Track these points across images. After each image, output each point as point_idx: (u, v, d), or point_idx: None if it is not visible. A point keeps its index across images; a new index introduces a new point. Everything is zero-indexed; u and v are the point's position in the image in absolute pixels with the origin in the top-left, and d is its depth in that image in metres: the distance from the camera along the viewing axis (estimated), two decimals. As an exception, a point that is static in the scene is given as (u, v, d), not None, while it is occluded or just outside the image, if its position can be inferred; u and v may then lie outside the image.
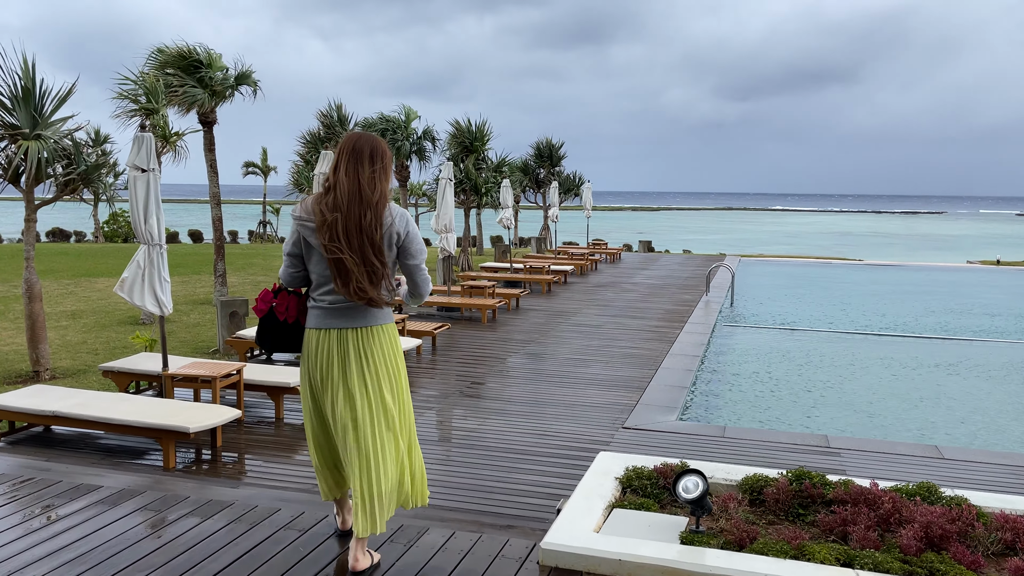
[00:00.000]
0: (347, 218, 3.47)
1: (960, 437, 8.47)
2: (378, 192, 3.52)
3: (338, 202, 3.48)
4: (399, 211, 3.64)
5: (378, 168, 3.57)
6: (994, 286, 22.38)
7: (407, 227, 3.65)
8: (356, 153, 3.53)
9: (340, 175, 3.52)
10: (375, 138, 3.65)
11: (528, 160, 30.57)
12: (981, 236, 75.67)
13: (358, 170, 3.50)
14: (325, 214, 3.48)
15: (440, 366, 10.60)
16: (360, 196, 3.47)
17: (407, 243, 3.66)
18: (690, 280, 20.66)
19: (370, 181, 3.52)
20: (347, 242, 3.47)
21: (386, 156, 3.63)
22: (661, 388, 9.43)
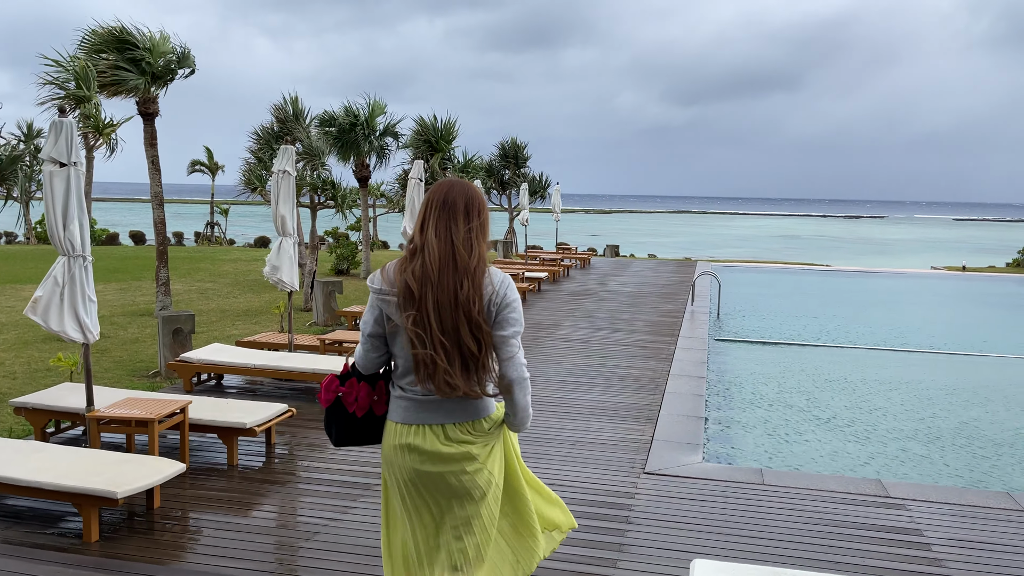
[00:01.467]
0: (438, 290, 2.73)
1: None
2: (476, 255, 2.81)
3: (427, 270, 2.75)
4: (499, 275, 2.89)
5: (475, 225, 2.84)
6: (986, 294, 21.92)
7: (506, 292, 2.87)
8: (448, 207, 2.82)
9: (428, 235, 2.80)
10: (469, 186, 2.92)
11: (493, 160, 29.36)
12: (924, 240, 77.05)
13: (451, 228, 2.79)
14: (411, 285, 2.75)
15: (418, 392, 9.29)
16: (454, 261, 2.76)
17: (502, 311, 2.84)
18: (668, 288, 19.67)
19: (466, 242, 2.80)
20: (439, 323, 2.73)
21: (484, 208, 2.92)
22: (674, 419, 8.29)
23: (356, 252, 22.63)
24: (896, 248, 64.44)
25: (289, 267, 9.66)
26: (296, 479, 6.42)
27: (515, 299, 2.87)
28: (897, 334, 15.00)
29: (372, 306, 2.90)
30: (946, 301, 20.37)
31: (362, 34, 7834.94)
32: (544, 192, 29.72)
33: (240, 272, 22.41)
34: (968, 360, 12.81)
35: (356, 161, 22.13)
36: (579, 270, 23.49)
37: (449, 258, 2.75)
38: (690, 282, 20.89)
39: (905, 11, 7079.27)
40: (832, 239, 77.75)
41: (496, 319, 2.81)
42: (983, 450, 8.23)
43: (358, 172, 22.28)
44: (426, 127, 22.40)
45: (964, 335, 15.14)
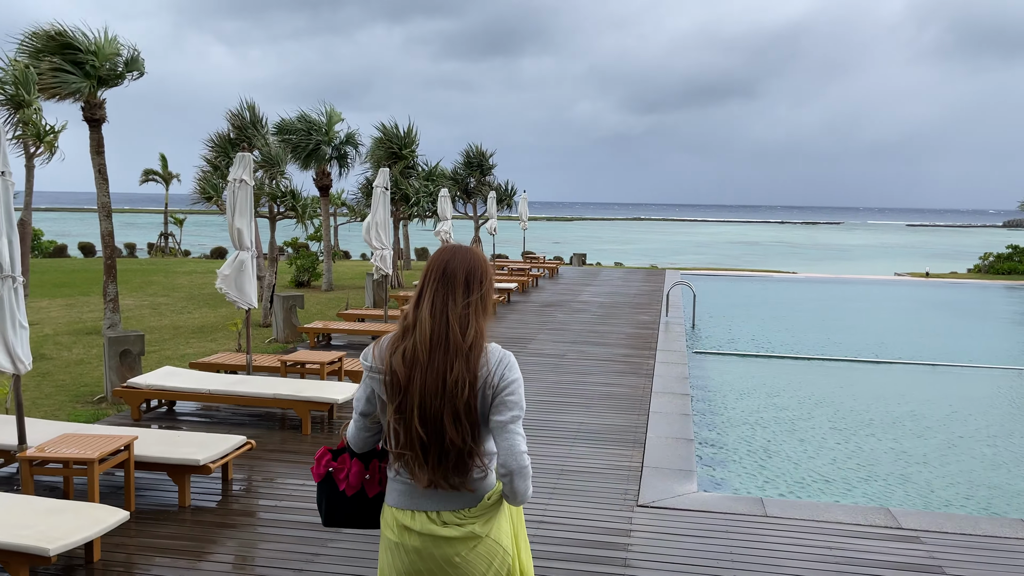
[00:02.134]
0: (427, 373, 2.45)
1: None
2: (472, 332, 2.50)
3: (418, 351, 2.47)
4: (498, 353, 2.56)
5: (475, 299, 2.55)
6: (956, 300, 21.97)
7: (504, 372, 2.52)
8: (448, 278, 2.55)
9: (423, 311, 2.52)
10: (473, 255, 2.63)
11: (457, 168, 28.77)
12: (880, 246, 78.27)
13: (447, 303, 2.51)
14: (398, 369, 2.47)
15: (388, 417, 8.68)
16: (447, 341, 2.47)
17: (499, 393, 2.51)
18: (640, 298, 19.29)
19: (463, 318, 2.51)
20: (420, 412, 2.44)
21: (488, 278, 2.62)
22: (663, 442, 7.81)
23: (317, 263, 21.88)
24: (854, 254, 65.23)
25: (246, 283, 8.99)
26: (257, 521, 5.79)
27: (515, 379, 2.52)
28: (874, 344, 14.79)
29: (365, 383, 2.66)
30: (917, 309, 20.33)
31: (320, 41, 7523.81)
32: (510, 200, 29.23)
33: (195, 285, 21.50)
34: (953, 372, 12.59)
35: (317, 169, 21.43)
36: (548, 280, 23.02)
37: (442, 337, 2.47)
38: (661, 291, 20.56)
39: (854, 22, 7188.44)
40: (791, 245, 78.65)
41: (493, 403, 2.50)
42: (982, 467, 7.90)
43: (319, 181, 21.56)
44: (388, 134, 21.76)
45: (944, 345, 14.99)
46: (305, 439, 7.83)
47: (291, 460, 7.17)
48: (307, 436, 7.92)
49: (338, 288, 21.31)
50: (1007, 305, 21.46)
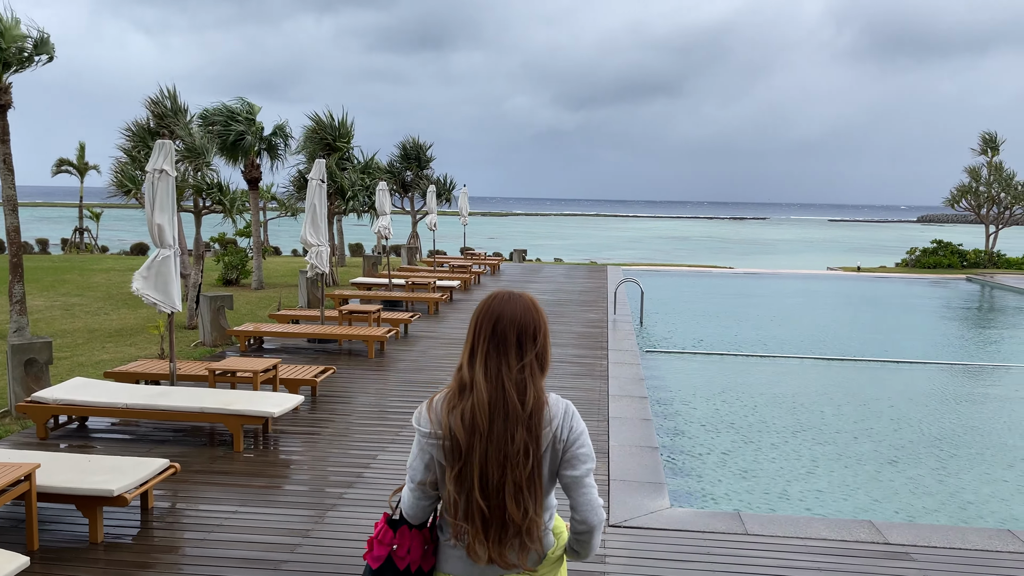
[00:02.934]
0: (487, 442, 2.25)
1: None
2: (531, 397, 2.28)
3: (476, 417, 2.25)
4: (560, 406, 2.36)
5: (529, 361, 2.31)
6: (891, 294, 22.29)
7: (572, 424, 2.35)
8: (499, 339, 2.31)
9: (477, 373, 2.31)
10: (526, 308, 2.38)
11: (394, 161, 27.93)
12: (806, 241, 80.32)
13: (501, 366, 2.29)
14: (458, 434, 2.26)
15: (325, 433, 7.99)
16: (505, 408, 2.26)
17: (570, 448, 2.34)
18: (585, 295, 18.90)
19: (519, 383, 2.28)
20: (481, 483, 2.26)
21: (543, 335, 2.38)
22: (627, 451, 7.34)
23: (246, 260, 20.79)
24: (781, 248, 66.62)
25: (169, 283, 8.14)
26: (182, 558, 5.06)
27: (583, 430, 2.37)
28: (817, 340, 14.73)
29: (422, 450, 2.38)
30: (854, 303, 20.54)
31: (245, 31, 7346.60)
32: (449, 195, 28.54)
33: (113, 284, 20.15)
34: (905, 368, 12.55)
35: (245, 161, 20.34)
36: (490, 277, 22.45)
37: (500, 404, 2.27)
38: (605, 288, 20.24)
39: (776, 23, 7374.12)
40: (720, 240, 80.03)
41: (564, 458, 2.33)
42: (953, 466, 7.70)
43: (248, 173, 20.48)
44: (322, 125, 20.81)
45: (886, 340, 15.04)
46: (237, 457, 7.08)
47: (222, 483, 6.43)
48: (239, 454, 7.17)
49: (269, 286, 20.30)
50: (937, 299, 21.92)
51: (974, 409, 10.05)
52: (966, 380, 11.88)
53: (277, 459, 7.07)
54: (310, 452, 7.24)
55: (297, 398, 7.74)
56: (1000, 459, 8.06)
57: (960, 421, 9.42)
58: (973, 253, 31.00)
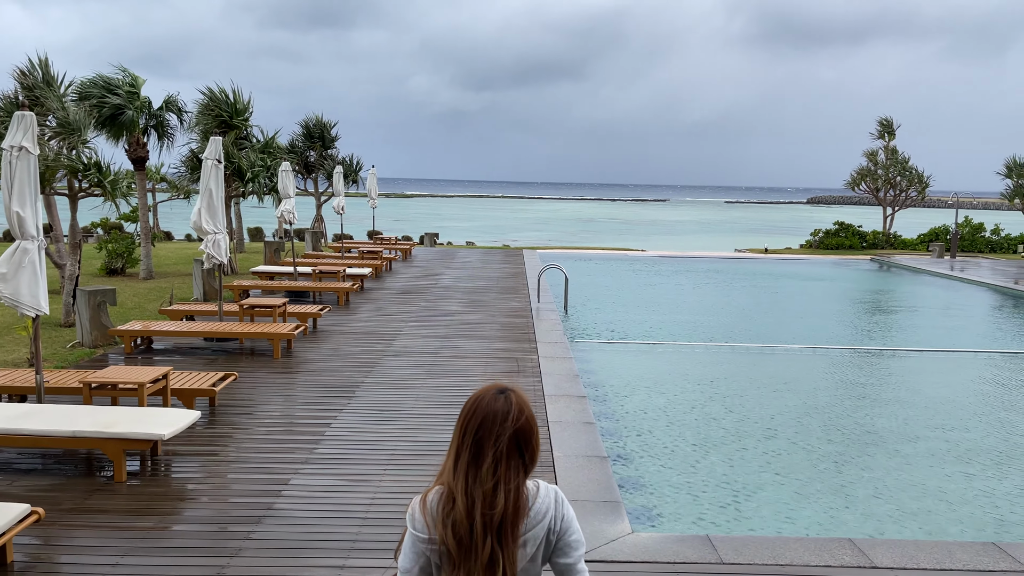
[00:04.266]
0: (479, 552, 2.17)
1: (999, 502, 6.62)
2: (518, 503, 2.20)
3: (460, 529, 2.18)
4: (550, 495, 2.27)
5: (515, 465, 2.21)
6: (807, 275, 22.49)
7: (564, 513, 2.26)
8: (479, 446, 2.20)
9: (458, 482, 2.20)
10: (516, 406, 2.23)
11: (295, 140, 26.31)
12: (707, 222, 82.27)
13: (478, 475, 2.19)
14: (449, 543, 2.19)
15: (227, 454, 6.92)
16: (492, 517, 2.17)
17: (564, 536, 2.25)
18: (504, 281, 18.15)
19: (507, 492, 2.18)
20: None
21: (533, 445, 2.24)
22: (574, 463, 6.62)
23: (133, 247, 19.01)
24: (682, 229, 67.80)
25: (33, 282, 6.85)
26: (44, 640, 4.00)
27: (572, 516, 2.32)
28: (746, 326, 14.49)
29: (418, 553, 2.27)
30: (773, 286, 20.58)
31: (129, 2, 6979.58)
32: (356, 176, 27.15)
33: (-22, 275, 18.01)
34: (836, 354, 12.37)
35: (129, 139, 18.51)
36: (402, 262, 21.38)
37: (486, 512, 2.18)
38: (523, 273, 19.55)
39: (671, 8, 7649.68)
40: (624, 222, 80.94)
41: (557, 545, 2.27)
42: (906, 456, 7.36)
43: (133, 152, 18.65)
44: (216, 101, 19.16)
45: (817, 325, 14.95)
46: (119, 489, 5.96)
47: (100, 525, 5.33)
48: (122, 485, 6.05)
49: (159, 276, 18.61)
50: (851, 281, 22.30)
51: (919, 395, 9.87)
52: (906, 365, 11.80)
53: (169, 490, 5.99)
54: (208, 480, 6.18)
55: (192, 415, 6.64)
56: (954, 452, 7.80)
57: (907, 407, 9.19)
58: (872, 234, 32.01)
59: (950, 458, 7.60)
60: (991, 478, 7.09)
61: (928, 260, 26.57)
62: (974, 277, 21.71)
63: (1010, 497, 6.68)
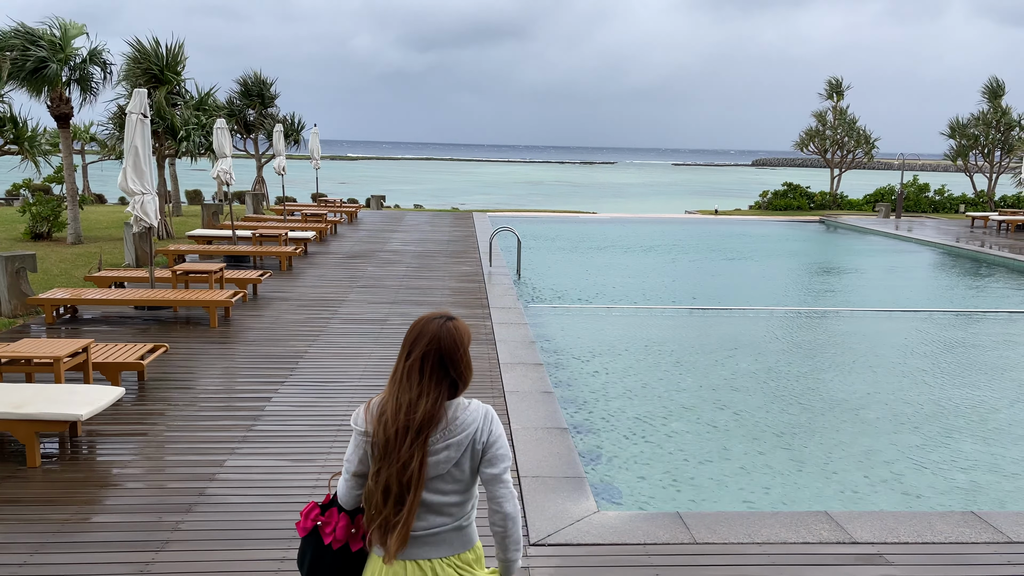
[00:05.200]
0: (402, 445, 2.50)
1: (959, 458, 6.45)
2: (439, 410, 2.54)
3: (387, 427, 2.52)
4: (481, 410, 2.57)
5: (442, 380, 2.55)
6: (757, 236, 22.43)
7: (492, 428, 2.57)
8: (413, 361, 2.55)
9: (392, 389, 2.57)
10: (450, 330, 2.56)
11: (233, 98, 25.08)
12: (654, 184, 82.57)
13: (413, 385, 2.54)
14: (377, 437, 2.54)
15: (156, 433, 6.36)
16: (407, 422, 2.51)
17: (491, 448, 2.57)
18: (454, 245, 17.61)
19: (435, 399, 2.53)
20: (398, 476, 2.52)
21: (463, 360, 2.57)
22: (532, 435, 6.24)
23: (60, 210, 17.88)
24: (631, 192, 67.87)
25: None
26: (-68, 660, 3.46)
27: (501, 433, 2.59)
28: (706, 289, 14.28)
29: (357, 446, 2.60)
30: (723, 246, 20.47)
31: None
32: (298, 136, 26.06)
33: None
34: (792, 315, 12.23)
35: (51, 94, 17.27)
36: (347, 226, 20.62)
37: (403, 419, 2.51)
38: (474, 236, 19.04)
39: None
40: (572, 185, 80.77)
41: (484, 457, 2.56)
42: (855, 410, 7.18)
43: (55, 108, 17.42)
44: (145, 53, 17.97)
45: (773, 285, 14.82)
46: (32, 476, 5.37)
47: (9, 518, 4.77)
48: (35, 471, 5.46)
49: (89, 240, 17.57)
50: (802, 242, 22.35)
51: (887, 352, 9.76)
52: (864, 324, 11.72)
53: (89, 476, 5.42)
54: (134, 463, 5.63)
55: (115, 391, 6.04)
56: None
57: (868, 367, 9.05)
58: (820, 195, 32.25)
59: (914, 422, 7.45)
60: (960, 441, 6.95)
61: (875, 220, 26.85)
62: (921, 236, 21.97)
63: (979, 460, 6.53)
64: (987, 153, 32.31)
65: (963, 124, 32.37)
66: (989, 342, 10.71)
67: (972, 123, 32.11)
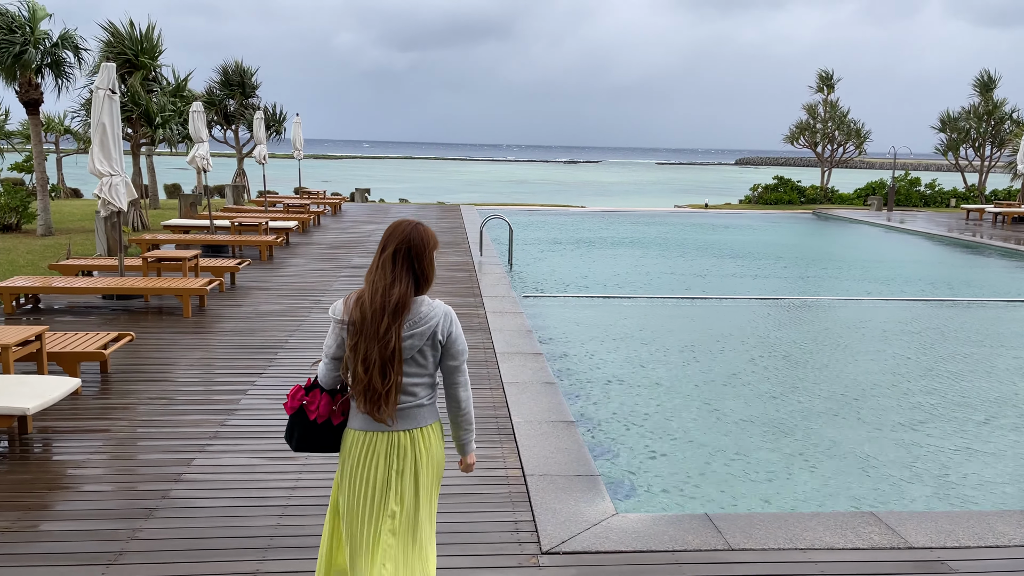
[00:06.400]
0: (371, 328, 2.88)
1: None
2: (397, 298, 2.89)
3: (364, 310, 2.89)
4: (443, 309, 2.98)
5: (408, 273, 2.91)
6: (752, 227, 21.94)
7: (452, 327, 2.99)
8: (386, 256, 2.91)
9: (369, 280, 2.95)
10: (419, 231, 2.97)
11: (213, 88, 24.31)
12: (640, 182, 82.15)
13: (386, 276, 2.90)
14: (354, 321, 2.91)
15: (118, 429, 5.72)
16: (383, 306, 2.87)
17: (449, 343, 3.00)
18: (441, 235, 16.96)
19: (395, 290, 2.89)
20: (365, 355, 2.91)
21: (426, 257, 2.95)
22: (538, 430, 5.65)
23: (30, 200, 17.09)
24: (617, 190, 67.36)
25: None
26: None
27: (459, 332, 3.01)
28: (705, 279, 13.75)
29: (335, 332, 2.97)
30: (717, 238, 19.96)
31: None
32: (280, 127, 25.32)
33: None
34: (815, 305, 11.71)
35: (22, 78, 16.48)
36: (331, 217, 19.94)
37: (378, 303, 2.86)
38: (462, 227, 18.44)
39: None
40: (558, 184, 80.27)
41: (444, 350, 2.97)
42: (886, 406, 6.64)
43: (24, 94, 16.63)
44: (120, 37, 17.20)
45: (773, 277, 14.31)
46: (-29, 479, 4.72)
47: (-66, 529, 4.11)
48: (-25, 473, 4.80)
49: (60, 232, 16.80)
50: (798, 234, 21.89)
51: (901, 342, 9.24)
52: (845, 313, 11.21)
53: (38, 478, 4.77)
54: (91, 463, 4.98)
55: (69, 383, 5.39)
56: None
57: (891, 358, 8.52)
58: (811, 189, 31.87)
59: (955, 412, 6.92)
60: (1000, 431, 6.43)
61: (868, 213, 26.47)
62: (916, 228, 21.57)
63: (1016, 452, 6.01)
64: (978, 147, 32.07)
65: (954, 118, 32.11)
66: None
67: (963, 116, 31.86)
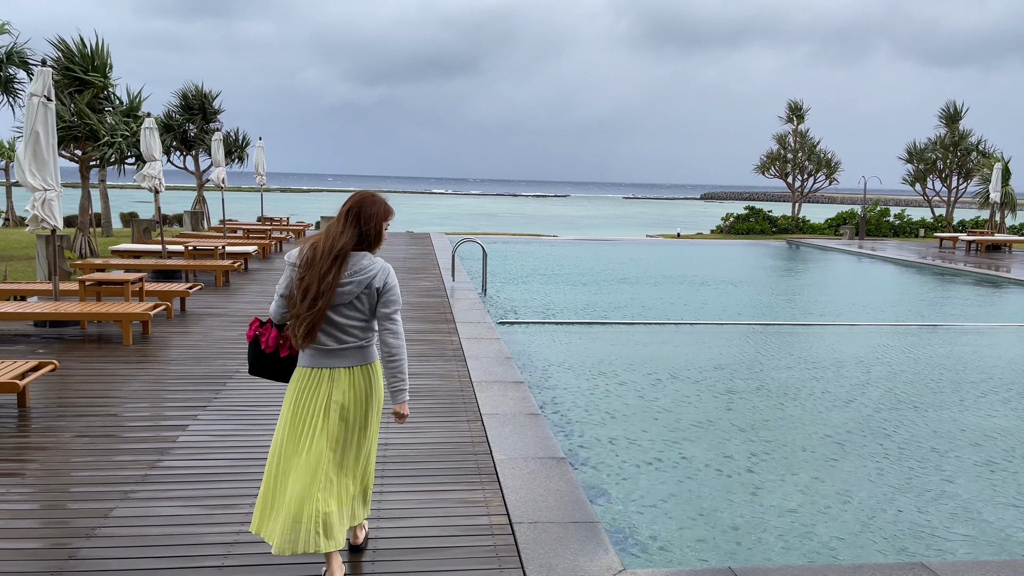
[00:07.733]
0: (316, 271, 3.39)
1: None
2: (340, 247, 3.42)
3: (315, 255, 3.42)
4: (380, 264, 3.49)
5: (355, 231, 3.46)
6: (720, 257, 21.52)
7: (387, 280, 3.48)
8: (341, 216, 3.50)
9: (325, 231, 3.50)
10: (374, 201, 3.56)
11: (172, 112, 23.43)
12: (608, 216, 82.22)
13: (338, 231, 3.45)
14: (303, 264, 3.42)
15: (31, 471, 4.85)
16: (329, 251, 3.40)
17: (386, 293, 3.48)
18: (412, 261, 16.24)
19: (339, 241, 3.42)
20: (306, 292, 3.39)
21: (374, 222, 3.50)
22: (523, 468, 4.89)
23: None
24: (586, 224, 67.19)
25: None
26: None
27: (395, 284, 3.51)
28: (684, 305, 13.16)
29: (287, 276, 3.47)
30: (692, 266, 19.48)
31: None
32: (242, 153, 24.46)
33: None
34: (794, 330, 11.13)
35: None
36: (295, 244, 19.09)
37: (326, 249, 3.39)
38: (432, 254, 17.72)
39: (559, 7, 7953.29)
40: (527, 217, 79.93)
41: (380, 299, 3.44)
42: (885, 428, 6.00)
43: (-35, 112, 15.66)
44: (69, 53, 16.35)
45: (747, 301, 13.77)
46: None
47: None
48: None
49: (3, 259, 15.74)
50: (775, 261, 21.53)
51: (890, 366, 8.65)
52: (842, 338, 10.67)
53: (-86, 536, 3.89)
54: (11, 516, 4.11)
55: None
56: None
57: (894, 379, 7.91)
58: (783, 219, 31.75)
59: (991, 447, 6.30)
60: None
61: (842, 241, 26.29)
62: (897, 256, 21.34)
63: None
64: (945, 178, 32.29)
65: (921, 148, 32.33)
66: None
67: (930, 147, 32.09)
